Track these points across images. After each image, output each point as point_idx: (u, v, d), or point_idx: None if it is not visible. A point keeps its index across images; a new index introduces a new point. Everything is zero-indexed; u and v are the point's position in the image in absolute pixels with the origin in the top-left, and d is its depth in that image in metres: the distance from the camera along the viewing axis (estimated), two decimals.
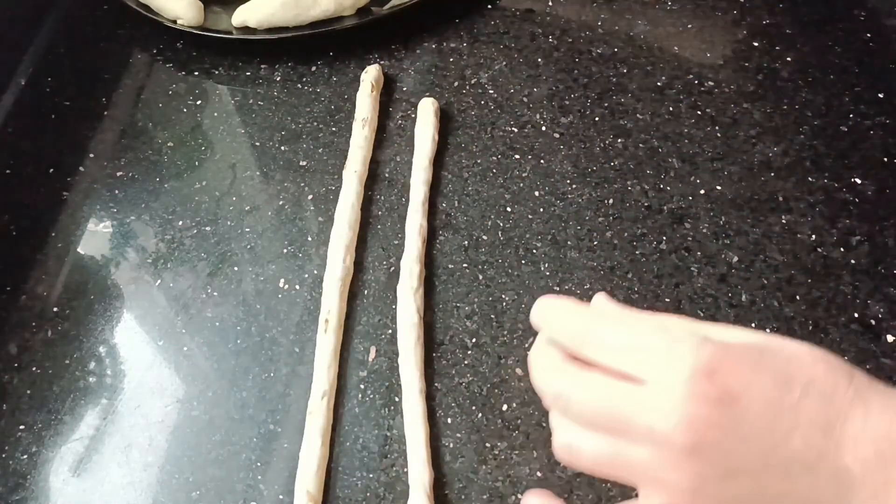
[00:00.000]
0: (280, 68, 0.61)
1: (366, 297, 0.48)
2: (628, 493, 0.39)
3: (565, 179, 0.53)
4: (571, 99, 0.57)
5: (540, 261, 0.49)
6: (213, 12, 0.62)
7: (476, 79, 0.59)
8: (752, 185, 0.51)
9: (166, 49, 0.63)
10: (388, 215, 0.52)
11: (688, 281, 0.47)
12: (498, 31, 0.62)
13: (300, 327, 0.47)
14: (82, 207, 0.54)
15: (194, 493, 0.41)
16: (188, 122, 0.59)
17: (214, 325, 0.48)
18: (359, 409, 0.44)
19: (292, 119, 0.58)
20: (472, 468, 0.41)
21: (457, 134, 0.56)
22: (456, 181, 0.53)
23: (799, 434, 0.28)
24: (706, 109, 0.55)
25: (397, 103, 0.58)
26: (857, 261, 0.47)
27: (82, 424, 0.44)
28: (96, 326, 0.48)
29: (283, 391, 0.45)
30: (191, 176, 0.56)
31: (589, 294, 0.47)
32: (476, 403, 0.43)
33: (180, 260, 0.51)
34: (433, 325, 0.46)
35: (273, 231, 0.52)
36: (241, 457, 0.42)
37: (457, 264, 0.49)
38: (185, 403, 0.45)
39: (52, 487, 0.42)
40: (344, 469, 0.42)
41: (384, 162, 0.55)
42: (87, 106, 0.60)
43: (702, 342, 0.30)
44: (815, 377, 0.29)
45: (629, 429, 0.30)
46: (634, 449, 0.30)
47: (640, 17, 0.62)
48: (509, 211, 0.51)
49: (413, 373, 0.43)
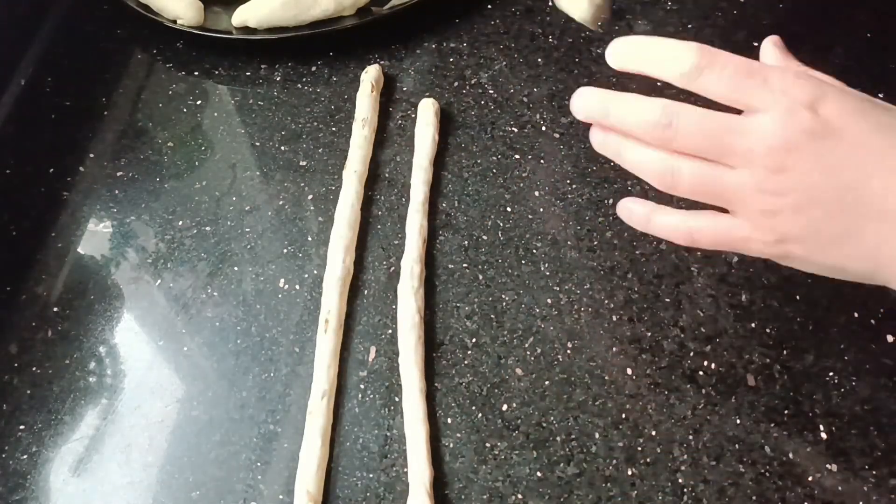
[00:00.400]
0: (280, 68, 0.61)
1: (366, 297, 0.48)
2: (627, 494, 0.40)
3: (565, 179, 0.53)
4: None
5: (540, 261, 0.49)
6: (213, 12, 0.62)
7: (476, 79, 0.59)
8: None
9: (166, 49, 0.63)
10: (388, 215, 0.52)
11: (688, 281, 0.47)
12: (498, 31, 0.62)
13: (300, 327, 0.47)
14: (82, 207, 0.54)
15: (194, 493, 0.41)
16: (188, 122, 0.59)
17: (214, 325, 0.48)
18: (359, 409, 0.44)
19: (292, 119, 0.58)
20: (472, 468, 0.41)
21: (457, 134, 0.56)
22: (456, 181, 0.53)
23: (880, 179, 0.31)
24: None
25: (397, 103, 0.58)
26: None
27: (82, 424, 0.44)
28: (96, 326, 0.48)
29: (283, 391, 0.45)
30: (191, 176, 0.56)
31: (589, 294, 0.47)
32: (476, 403, 0.43)
33: (180, 260, 0.51)
34: (433, 325, 0.46)
35: (273, 231, 0.52)
36: (241, 457, 0.42)
37: (457, 264, 0.49)
38: (185, 403, 0.45)
39: (52, 487, 0.42)
40: (344, 469, 0.42)
41: (384, 162, 0.55)
42: (87, 106, 0.60)
43: (815, 80, 0.32)
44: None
45: (730, 152, 0.33)
46: (730, 172, 0.33)
47: (640, 17, 0.62)
48: (509, 211, 0.51)
49: (413, 372, 0.43)
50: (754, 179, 0.32)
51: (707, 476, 0.40)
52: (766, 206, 0.32)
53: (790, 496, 0.39)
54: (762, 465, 0.40)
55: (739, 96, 0.33)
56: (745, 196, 0.33)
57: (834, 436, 0.41)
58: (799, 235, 0.33)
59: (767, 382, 0.43)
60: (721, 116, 0.33)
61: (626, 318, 0.46)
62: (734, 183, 0.33)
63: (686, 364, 0.44)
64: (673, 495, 0.39)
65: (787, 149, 0.31)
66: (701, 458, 0.40)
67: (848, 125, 0.31)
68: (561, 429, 0.42)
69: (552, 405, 0.43)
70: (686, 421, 0.42)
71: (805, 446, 0.40)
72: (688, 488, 0.40)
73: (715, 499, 0.39)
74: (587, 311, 0.46)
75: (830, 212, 0.32)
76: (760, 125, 0.32)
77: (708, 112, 0.33)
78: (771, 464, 0.40)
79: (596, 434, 0.42)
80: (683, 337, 0.45)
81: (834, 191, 0.31)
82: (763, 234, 0.33)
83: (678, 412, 0.42)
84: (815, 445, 0.40)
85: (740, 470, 0.40)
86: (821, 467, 0.40)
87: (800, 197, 0.32)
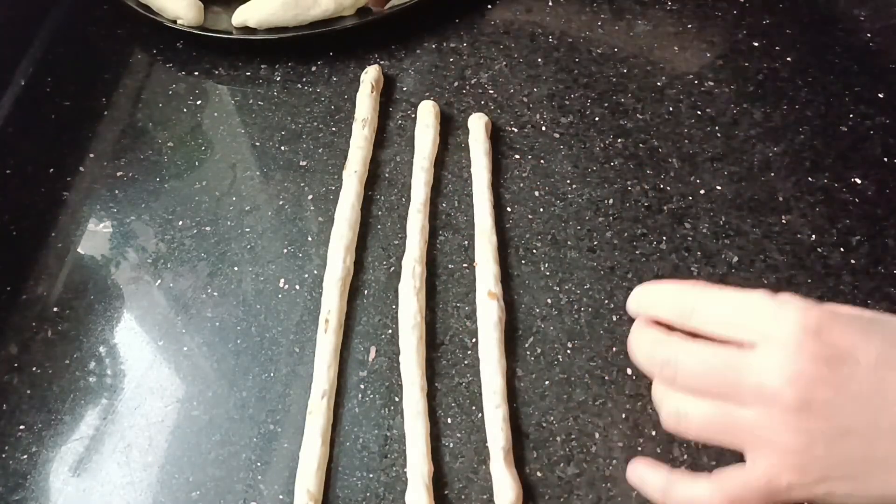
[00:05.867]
0: (280, 68, 0.61)
1: (366, 297, 0.48)
2: (627, 494, 0.40)
3: (565, 179, 0.53)
4: (571, 99, 0.57)
5: (540, 261, 0.49)
6: (213, 12, 0.62)
7: (476, 79, 0.59)
8: (752, 185, 0.51)
9: (166, 49, 0.63)
10: (388, 215, 0.52)
11: None
12: (498, 31, 0.62)
13: (300, 327, 0.47)
14: (82, 207, 0.54)
15: (194, 493, 0.41)
16: (188, 122, 0.59)
17: (214, 325, 0.48)
18: (359, 409, 0.44)
19: (292, 119, 0.58)
20: (472, 468, 0.41)
21: (457, 134, 0.56)
22: (456, 181, 0.53)
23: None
24: (706, 109, 0.55)
25: (397, 103, 0.58)
26: (857, 261, 0.47)
27: (82, 424, 0.44)
28: (96, 326, 0.48)
29: (283, 391, 0.45)
30: (191, 176, 0.56)
31: (589, 294, 0.47)
32: (476, 403, 0.43)
33: (180, 260, 0.51)
34: (433, 325, 0.46)
35: (273, 231, 0.52)
36: (241, 457, 0.42)
37: (457, 264, 0.49)
38: (185, 403, 0.45)
39: (52, 487, 0.42)
40: (344, 469, 0.42)
41: (384, 162, 0.55)
42: (87, 106, 0.60)
43: (809, 305, 0.31)
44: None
45: (738, 391, 0.31)
46: (743, 411, 0.31)
47: (640, 17, 0.62)
48: (509, 211, 0.51)
49: (415, 371, 0.43)
50: (776, 419, 0.30)
51: None
52: (796, 446, 0.30)
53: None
54: None
55: (735, 332, 0.32)
56: (769, 437, 0.31)
57: None
58: (838, 472, 0.30)
59: None
60: (723, 352, 0.32)
61: (627, 318, 0.46)
62: (751, 422, 0.31)
63: None
64: None
65: (805, 381, 0.29)
66: (701, 458, 0.40)
67: (858, 346, 0.30)
68: (561, 429, 0.42)
69: (552, 405, 0.43)
70: None
71: None
72: None
73: None
74: (587, 311, 0.46)
75: (868, 439, 0.29)
76: (766, 358, 0.30)
77: (710, 348, 0.32)
78: None
79: (596, 434, 0.42)
80: None
81: (866, 416, 0.29)
82: (801, 477, 0.30)
83: None
84: None
85: None
86: None
87: (831, 430, 0.30)
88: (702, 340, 0.32)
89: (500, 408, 0.41)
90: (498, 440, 0.40)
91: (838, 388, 0.29)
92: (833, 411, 0.29)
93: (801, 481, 0.30)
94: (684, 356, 0.33)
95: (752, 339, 0.31)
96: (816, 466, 0.30)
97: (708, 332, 0.32)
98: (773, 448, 0.31)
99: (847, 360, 0.29)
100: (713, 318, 0.33)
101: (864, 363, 0.29)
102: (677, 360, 0.33)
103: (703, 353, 0.32)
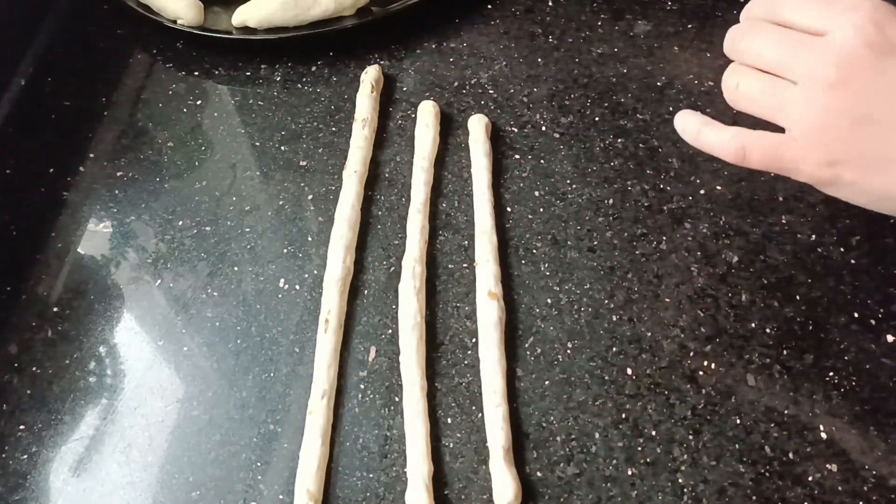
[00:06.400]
0: (280, 68, 0.61)
1: (366, 297, 0.48)
2: (627, 494, 0.40)
3: (565, 179, 0.53)
4: (571, 99, 0.57)
5: (540, 261, 0.49)
6: (213, 12, 0.62)
7: (476, 79, 0.59)
8: (752, 185, 0.51)
9: (166, 49, 0.63)
10: (388, 215, 0.52)
11: (688, 281, 0.47)
12: (498, 31, 0.62)
13: (300, 327, 0.47)
14: (82, 207, 0.54)
15: (194, 493, 0.41)
16: (188, 122, 0.59)
17: (214, 325, 0.48)
18: (359, 409, 0.44)
19: (292, 119, 0.58)
20: (472, 468, 0.41)
21: (457, 134, 0.56)
22: (456, 181, 0.53)
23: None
24: (706, 109, 0.55)
25: (397, 104, 0.58)
26: (857, 261, 0.47)
27: (82, 424, 0.44)
28: (96, 326, 0.48)
29: (283, 391, 0.45)
30: (191, 176, 0.56)
31: (589, 294, 0.47)
32: (476, 403, 0.43)
33: (180, 260, 0.51)
34: (433, 325, 0.46)
35: (273, 231, 0.52)
36: (241, 457, 0.42)
37: (457, 264, 0.49)
38: (185, 403, 0.45)
39: (52, 487, 0.42)
40: (344, 469, 0.42)
41: (384, 162, 0.55)
42: (87, 106, 0.60)
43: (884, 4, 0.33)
44: None
45: (793, 68, 0.34)
46: (790, 86, 0.34)
47: (640, 17, 0.62)
48: (509, 211, 0.51)
49: (415, 371, 0.43)
50: (814, 93, 0.33)
51: (707, 476, 0.40)
52: (821, 121, 0.33)
53: (790, 496, 0.39)
54: (762, 465, 0.40)
55: (812, 21, 0.34)
56: (802, 110, 0.33)
57: (834, 436, 0.41)
58: (851, 156, 0.33)
59: (767, 382, 0.43)
60: (795, 34, 0.34)
61: (626, 318, 0.46)
62: (793, 96, 0.34)
63: (686, 364, 0.44)
64: (673, 495, 0.39)
65: (848, 61, 0.32)
66: (701, 458, 0.40)
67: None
68: (561, 429, 0.42)
69: (552, 405, 0.43)
70: (686, 421, 0.42)
71: (805, 446, 0.40)
72: (688, 488, 0.40)
73: (715, 499, 0.39)
74: (587, 311, 0.46)
75: (885, 131, 0.32)
76: (829, 40, 0.33)
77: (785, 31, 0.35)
78: (771, 464, 0.40)
79: (596, 434, 0.42)
80: (683, 337, 0.45)
81: (891, 109, 0.31)
82: (815, 154, 0.33)
83: (678, 412, 0.42)
84: (815, 445, 0.40)
85: (740, 470, 0.40)
86: (821, 467, 0.40)
87: (856, 113, 0.32)
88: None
89: (500, 407, 0.41)
90: (498, 439, 0.40)
91: (875, 75, 0.32)
92: (865, 95, 0.32)
93: (814, 158, 0.33)
94: (761, 35, 0.36)
95: (825, 27, 0.33)
96: (832, 147, 0.33)
97: (791, 23, 0.35)
98: (802, 121, 0.33)
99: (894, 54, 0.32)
100: (796, 9, 0.35)
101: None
102: (753, 39, 0.36)
103: (777, 33, 0.35)
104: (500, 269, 0.47)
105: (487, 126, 0.54)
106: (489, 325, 0.45)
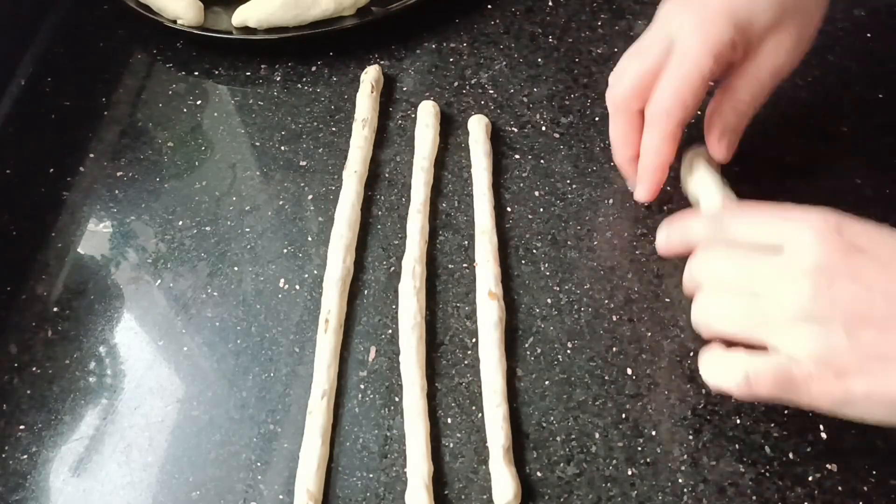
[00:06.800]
0: (280, 68, 0.61)
1: (366, 297, 0.48)
2: (627, 494, 0.40)
3: (565, 179, 0.53)
4: (571, 99, 0.57)
5: (540, 261, 0.49)
6: (213, 12, 0.62)
7: (476, 79, 0.59)
8: (751, 185, 0.51)
9: (166, 49, 0.63)
10: (388, 215, 0.52)
11: None
12: (498, 31, 0.62)
13: (300, 327, 0.47)
14: (82, 207, 0.54)
15: (194, 493, 0.41)
16: (188, 122, 0.59)
17: (214, 325, 0.48)
18: (359, 409, 0.44)
19: (292, 119, 0.58)
20: (472, 468, 0.41)
21: (457, 134, 0.56)
22: (456, 181, 0.53)
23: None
24: (705, 109, 0.55)
25: (397, 104, 0.58)
26: None
27: (82, 424, 0.44)
28: (96, 326, 0.48)
29: (283, 391, 0.45)
30: (191, 176, 0.56)
31: (589, 294, 0.47)
32: (476, 403, 0.43)
33: (180, 260, 0.51)
34: (433, 325, 0.46)
35: (273, 231, 0.52)
36: (241, 457, 0.42)
37: (457, 264, 0.49)
38: (185, 403, 0.45)
39: (52, 487, 0.42)
40: (344, 469, 0.42)
41: (384, 162, 0.55)
42: (87, 106, 0.60)
43: (832, 211, 0.34)
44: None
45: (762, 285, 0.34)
46: (767, 300, 0.33)
47: (640, 17, 0.62)
48: (509, 211, 0.51)
49: (415, 371, 0.43)
50: (796, 305, 0.32)
51: (707, 476, 0.40)
52: (815, 336, 0.32)
53: (790, 496, 0.39)
54: (762, 465, 0.40)
55: (764, 237, 0.35)
56: (790, 326, 0.32)
57: (834, 436, 0.41)
58: (855, 363, 0.31)
59: None
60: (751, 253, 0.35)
61: (626, 318, 0.46)
62: (773, 310, 0.33)
63: (686, 364, 0.44)
64: (673, 495, 0.39)
65: (823, 269, 0.32)
66: (701, 458, 0.40)
67: (874, 245, 0.32)
68: (561, 429, 0.42)
69: (552, 405, 0.43)
70: (686, 421, 0.42)
71: (805, 446, 0.40)
72: (688, 488, 0.40)
73: (715, 499, 0.39)
74: (587, 311, 0.46)
75: (884, 331, 0.31)
76: (790, 255, 0.33)
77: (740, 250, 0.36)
78: (771, 464, 0.40)
79: (596, 434, 0.42)
80: (683, 337, 0.45)
81: (881, 305, 0.31)
82: (819, 370, 0.32)
83: (678, 412, 0.42)
84: (815, 445, 0.40)
85: (740, 470, 0.40)
86: (821, 467, 0.40)
87: (848, 317, 0.31)
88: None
89: (500, 407, 0.41)
90: (498, 439, 0.40)
91: (855, 277, 0.32)
92: (850, 300, 0.31)
93: (819, 375, 0.32)
94: (714, 259, 0.36)
95: (779, 241, 0.34)
96: (833, 359, 0.31)
97: (740, 239, 0.36)
98: (794, 339, 0.32)
99: (864, 254, 0.32)
100: (744, 228, 0.36)
101: (880, 260, 0.32)
102: (707, 263, 0.37)
103: (733, 255, 0.35)
104: (500, 269, 0.47)
105: (487, 126, 0.54)
106: (489, 325, 0.45)
